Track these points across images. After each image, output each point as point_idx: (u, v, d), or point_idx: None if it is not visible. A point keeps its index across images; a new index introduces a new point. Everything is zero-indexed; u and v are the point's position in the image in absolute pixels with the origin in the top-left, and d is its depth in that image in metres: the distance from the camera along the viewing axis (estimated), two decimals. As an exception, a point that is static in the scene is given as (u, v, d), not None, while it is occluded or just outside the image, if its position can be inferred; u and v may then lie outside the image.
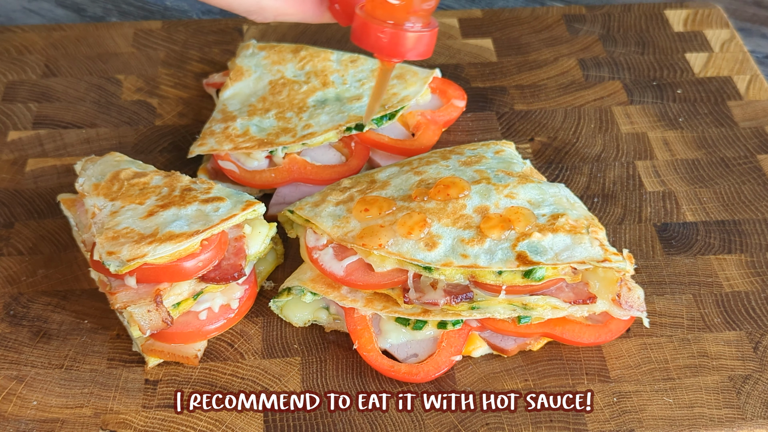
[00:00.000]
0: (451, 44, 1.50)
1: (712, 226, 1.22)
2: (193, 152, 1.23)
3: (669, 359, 1.07)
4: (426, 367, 1.04)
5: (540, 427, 1.00)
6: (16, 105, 1.39)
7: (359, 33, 0.84)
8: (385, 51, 0.84)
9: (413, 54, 0.84)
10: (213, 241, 1.03)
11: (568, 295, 1.03)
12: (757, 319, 1.11)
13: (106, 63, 1.46)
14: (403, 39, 0.82)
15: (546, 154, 1.32)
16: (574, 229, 1.04)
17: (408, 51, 0.84)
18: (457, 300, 1.01)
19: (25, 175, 1.28)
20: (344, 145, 1.25)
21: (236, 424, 1.01)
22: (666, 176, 1.28)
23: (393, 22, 0.82)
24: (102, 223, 1.04)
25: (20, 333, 1.09)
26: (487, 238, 1.03)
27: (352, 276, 1.05)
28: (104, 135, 1.34)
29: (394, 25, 0.82)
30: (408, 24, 0.82)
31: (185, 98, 1.40)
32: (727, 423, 1.00)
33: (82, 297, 1.13)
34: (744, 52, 1.49)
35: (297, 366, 1.06)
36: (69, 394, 1.03)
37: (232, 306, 1.08)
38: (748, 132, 1.35)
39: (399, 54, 0.84)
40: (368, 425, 1.01)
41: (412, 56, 0.84)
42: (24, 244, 1.19)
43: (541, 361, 1.07)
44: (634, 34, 1.53)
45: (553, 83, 1.43)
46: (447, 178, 1.09)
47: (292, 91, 1.29)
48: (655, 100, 1.40)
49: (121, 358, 1.07)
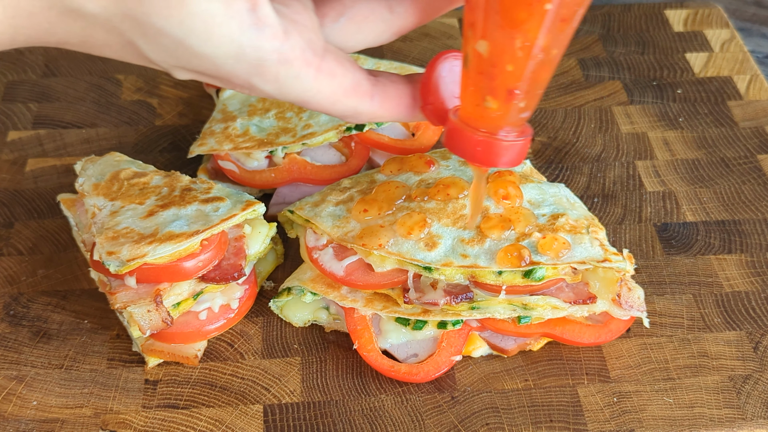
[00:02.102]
0: (451, 44, 1.50)
1: (712, 226, 1.22)
2: (193, 152, 1.23)
3: (669, 359, 1.07)
4: (426, 367, 1.04)
5: (540, 427, 1.00)
6: (16, 105, 1.39)
7: (452, 139, 0.81)
8: (478, 159, 0.81)
9: (505, 163, 0.81)
10: (213, 241, 1.03)
11: (568, 295, 1.03)
12: (757, 319, 1.11)
13: (106, 63, 1.46)
14: (497, 149, 0.79)
15: (546, 154, 1.32)
16: (574, 229, 1.04)
17: (501, 161, 0.81)
18: (457, 300, 1.01)
19: (25, 175, 1.28)
20: (344, 145, 1.25)
21: (236, 424, 1.01)
22: (666, 176, 1.28)
23: (486, 131, 0.79)
24: (102, 223, 1.04)
25: (20, 333, 1.09)
26: (487, 238, 1.03)
27: (352, 276, 1.05)
28: (104, 135, 1.34)
29: (488, 134, 0.79)
30: (502, 133, 0.79)
31: (185, 98, 1.40)
32: (727, 423, 1.00)
33: (82, 297, 1.13)
34: (744, 52, 1.49)
35: (297, 366, 1.06)
36: (69, 394, 1.03)
37: (232, 306, 1.08)
38: (748, 132, 1.35)
39: (491, 163, 0.81)
40: (368, 425, 1.01)
41: (503, 165, 0.82)
42: (24, 244, 1.19)
43: (541, 361, 1.07)
44: (634, 34, 1.53)
45: (553, 83, 1.43)
46: (447, 178, 1.09)
47: (292, 91, 1.28)
48: (655, 100, 1.40)
49: (121, 358, 1.07)
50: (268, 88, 0.75)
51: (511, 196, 1.06)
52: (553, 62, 0.75)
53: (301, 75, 0.74)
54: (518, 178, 1.10)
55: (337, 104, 0.78)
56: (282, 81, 0.74)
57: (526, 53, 0.72)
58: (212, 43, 0.70)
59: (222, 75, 0.74)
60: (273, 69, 0.72)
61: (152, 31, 0.70)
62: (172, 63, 0.73)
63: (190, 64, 0.73)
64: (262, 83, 0.74)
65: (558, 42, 0.73)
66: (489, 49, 0.73)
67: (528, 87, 0.75)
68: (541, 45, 0.72)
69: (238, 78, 0.74)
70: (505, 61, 0.73)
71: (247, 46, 0.70)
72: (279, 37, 0.71)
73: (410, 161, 1.13)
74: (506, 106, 0.77)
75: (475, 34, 0.74)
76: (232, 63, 0.71)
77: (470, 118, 0.79)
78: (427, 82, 0.82)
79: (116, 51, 0.74)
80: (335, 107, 0.79)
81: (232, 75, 0.73)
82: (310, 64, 0.74)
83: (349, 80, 0.78)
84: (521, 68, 0.73)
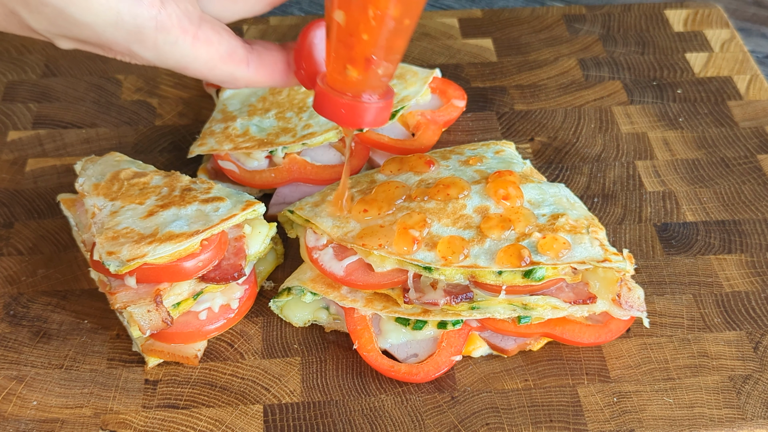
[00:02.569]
0: (451, 44, 1.50)
1: (712, 226, 1.22)
2: (193, 152, 1.23)
3: (669, 359, 1.07)
4: (426, 367, 1.04)
5: (540, 427, 1.00)
6: (16, 105, 1.39)
7: (319, 103, 0.89)
8: (344, 121, 0.89)
9: (370, 124, 0.89)
10: (213, 241, 1.03)
11: (568, 295, 1.03)
12: (757, 319, 1.11)
13: (106, 63, 1.46)
14: (360, 111, 0.87)
15: (546, 154, 1.32)
16: (574, 229, 1.04)
17: (365, 122, 0.89)
18: (457, 300, 1.01)
19: (25, 175, 1.28)
20: (344, 145, 1.25)
21: (236, 424, 1.01)
22: (666, 176, 1.28)
23: (350, 95, 0.86)
24: (102, 223, 1.04)
25: (20, 333, 1.09)
26: (487, 238, 1.03)
27: (352, 276, 1.05)
28: (104, 135, 1.34)
29: (351, 98, 0.86)
30: (365, 95, 0.87)
31: (185, 98, 1.40)
32: (727, 423, 1.00)
33: (82, 297, 1.13)
34: (744, 52, 1.49)
35: (297, 366, 1.06)
36: (69, 394, 1.03)
37: (232, 306, 1.08)
38: (748, 132, 1.35)
39: (356, 124, 0.89)
40: (368, 425, 1.01)
41: (368, 125, 0.89)
42: (24, 244, 1.19)
43: (541, 361, 1.07)
44: (634, 34, 1.53)
45: (553, 83, 1.43)
46: (447, 178, 1.09)
47: (292, 91, 1.29)
48: (655, 100, 1.40)
49: (121, 358, 1.07)
50: (147, 54, 0.80)
51: (511, 196, 1.06)
52: (407, 31, 0.82)
53: (179, 42, 0.80)
54: (518, 178, 1.10)
55: (215, 70, 0.84)
56: (161, 48, 0.79)
57: (379, 22, 0.79)
58: (92, 12, 0.75)
59: (103, 42, 0.79)
60: (151, 36, 0.78)
61: (34, 1, 0.75)
62: (55, 32, 0.78)
63: (71, 32, 0.78)
64: (141, 50, 0.79)
65: (409, 12, 0.80)
66: (345, 18, 0.80)
67: (384, 54, 0.82)
68: (392, 14, 0.79)
69: (118, 45, 0.79)
70: (361, 30, 0.80)
71: (126, 14, 0.76)
72: (156, 6, 0.77)
73: (410, 161, 1.13)
74: (365, 73, 0.84)
75: (332, 4, 0.81)
76: (111, 31, 0.77)
77: (335, 83, 0.86)
78: (300, 49, 0.89)
79: (0, 22, 0.79)
80: (213, 73, 0.85)
81: (113, 42, 0.78)
82: (186, 32, 0.80)
83: (225, 47, 0.84)
84: (375, 37, 0.80)
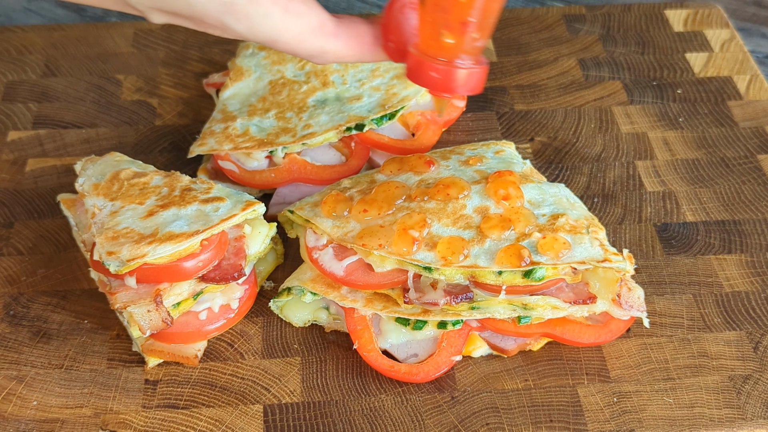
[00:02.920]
0: (451, 44, 1.50)
1: (712, 226, 1.22)
2: (193, 152, 1.23)
3: (669, 359, 1.07)
4: (426, 367, 1.04)
5: (540, 427, 1.00)
6: (16, 105, 1.39)
7: (413, 70, 0.88)
8: (438, 87, 0.88)
9: (465, 89, 0.88)
10: (213, 241, 1.03)
11: (568, 295, 1.03)
12: (757, 319, 1.11)
13: (106, 63, 1.46)
14: (455, 75, 0.86)
15: (546, 154, 1.32)
16: (574, 229, 1.04)
17: (460, 87, 0.87)
18: (457, 300, 1.01)
19: (25, 175, 1.28)
20: (344, 145, 1.26)
21: (236, 424, 1.01)
22: (666, 176, 1.28)
23: (445, 60, 0.86)
24: (102, 223, 1.04)
25: (20, 333, 1.09)
26: (487, 238, 1.03)
27: (352, 276, 1.05)
28: (104, 135, 1.34)
29: (446, 63, 0.86)
30: (459, 61, 0.86)
31: (185, 98, 1.40)
32: (727, 423, 1.00)
33: (82, 297, 1.13)
34: (744, 52, 1.49)
35: (297, 366, 1.06)
36: (69, 394, 1.03)
37: (232, 306, 1.08)
38: (748, 132, 1.35)
39: (451, 89, 0.88)
40: (368, 425, 1.01)
41: (463, 91, 0.88)
42: (24, 244, 1.19)
43: (541, 361, 1.07)
44: (634, 34, 1.53)
45: (553, 83, 1.43)
46: (447, 178, 1.09)
47: (292, 91, 1.29)
48: (655, 100, 1.40)
49: (121, 358, 1.07)
50: (239, 27, 0.81)
51: (511, 197, 1.06)
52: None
53: (270, 13, 0.80)
54: (518, 178, 1.10)
55: (304, 43, 0.85)
56: (252, 19, 0.80)
57: None
58: None
59: (195, 14, 0.80)
60: (243, 7, 0.79)
61: None
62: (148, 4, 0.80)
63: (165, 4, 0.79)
64: (233, 22, 0.80)
65: None
66: None
67: (480, 17, 0.82)
68: None
69: (210, 17, 0.80)
70: None
71: None
72: None
73: (410, 161, 1.13)
74: (461, 37, 0.84)
75: None
76: (204, 2, 0.78)
77: (429, 49, 0.86)
78: (387, 22, 0.89)
79: None
80: (302, 46, 0.85)
81: (205, 14, 0.79)
82: (277, 3, 0.81)
83: (314, 20, 0.84)
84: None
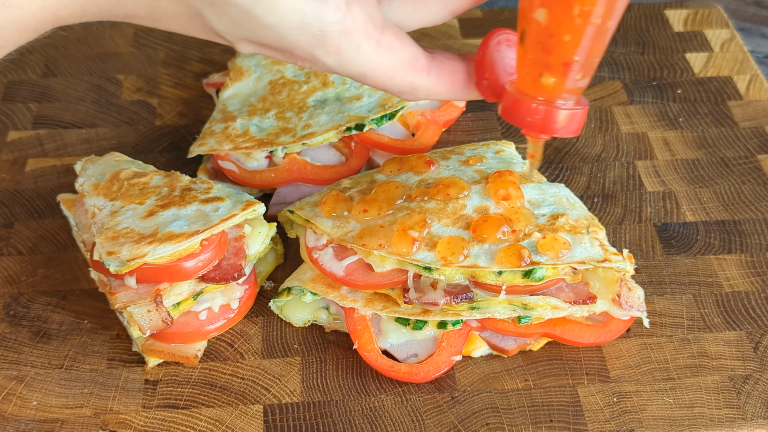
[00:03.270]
0: (451, 44, 1.50)
1: (712, 226, 1.22)
2: (193, 152, 1.23)
3: (669, 359, 1.07)
4: (426, 367, 1.04)
5: (540, 427, 1.00)
6: (16, 105, 1.39)
7: (509, 110, 0.82)
8: (536, 128, 0.82)
9: (564, 132, 0.82)
10: (213, 241, 1.03)
11: (568, 295, 1.03)
12: (757, 319, 1.11)
13: (106, 63, 1.46)
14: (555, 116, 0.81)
15: (546, 154, 1.32)
16: (574, 229, 1.04)
17: (559, 129, 0.82)
18: (457, 300, 1.01)
19: (25, 175, 1.28)
20: (344, 145, 1.26)
21: (236, 424, 1.01)
22: (666, 176, 1.28)
23: (544, 99, 0.80)
24: (102, 223, 1.04)
25: (20, 333, 1.09)
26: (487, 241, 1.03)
27: (352, 276, 1.05)
28: (104, 135, 1.34)
29: (545, 102, 0.80)
30: (560, 101, 0.80)
31: (185, 98, 1.40)
32: (727, 423, 1.00)
33: (82, 297, 1.13)
34: (744, 52, 1.49)
35: (297, 366, 1.06)
36: (69, 394, 1.03)
37: (232, 306, 1.08)
38: (748, 132, 1.35)
39: (550, 131, 0.82)
40: (368, 425, 1.01)
41: (562, 134, 0.82)
42: (24, 244, 1.19)
43: (541, 361, 1.07)
44: (634, 34, 1.53)
45: (553, 83, 1.43)
46: (447, 178, 1.09)
47: (292, 91, 1.29)
48: (655, 100, 1.40)
49: (121, 358, 1.07)
50: (330, 60, 0.78)
51: (512, 197, 1.06)
52: (608, 33, 0.76)
53: (362, 47, 0.77)
54: (518, 178, 1.10)
55: (395, 78, 0.81)
56: (343, 53, 0.77)
57: (584, 20, 0.74)
58: (277, 13, 0.73)
59: (286, 46, 0.77)
60: (335, 40, 0.76)
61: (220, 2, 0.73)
62: (238, 35, 0.77)
63: (255, 35, 0.76)
64: (324, 55, 0.77)
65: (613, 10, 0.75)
66: (547, 17, 0.75)
67: (584, 58, 0.77)
68: (598, 12, 0.74)
69: (301, 50, 0.77)
70: (563, 30, 0.75)
71: (311, 17, 0.74)
72: (342, 9, 0.74)
73: (410, 161, 1.13)
74: (563, 80, 0.79)
75: (533, 4, 0.76)
76: (296, 34, 0.75)
77: (527, 89, 0.81)
78: (482, 59, 0.84)
79: (183, 23, 0.77)
80: (393, 82, 0.81)
81: (296, 47, 0.76)
82: (370, 37, 0.77)
83: (407, 54, 0.81)
84: (578, 37, 0.75)
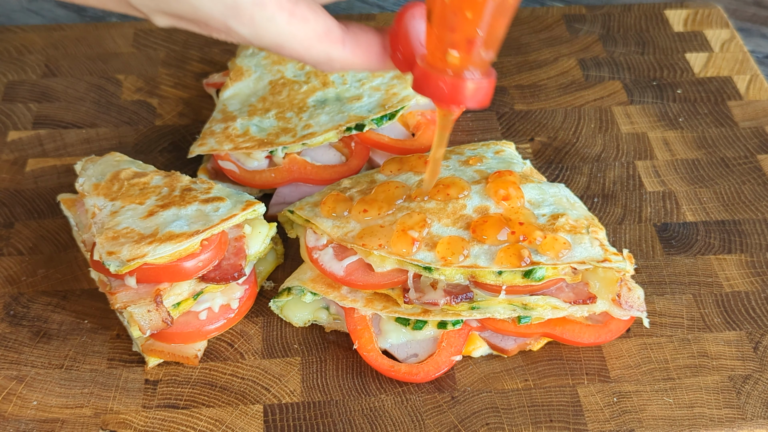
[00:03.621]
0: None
1: (712, 226, 1.22)
2: (193, 152, 1.23)
3: (669, 359, 1.07)
4: (426, 367, 1.04)
5: (540, 427, 1.00)
6: (16, 105, 1.39)
7: (420, 82, 0.87)
8: (445, 99, 0.86)
9: (472, 102, 0.87)
10: (213, 241, 1.03)
11: (568, 295, 1.03)
12: (757, 319, 1.11)
13: (106, 63, 1.46)
14: (463, 88, 0.85)
15: (546, 154, 1.32)
16: (574, 229, 1.04)
17: (467, 99, 0.86)
18: (457, 300, 1.01)
19: (25, 175, 1.28)
20: (344, 145, 1.26)
21: (236, 424, 1.01)
22: (666, 176, 1.28)
23: (452, 72, 0.85)
24: (102, 223, 1.04)
25: (20, 333, 1.09)
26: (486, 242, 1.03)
27: (352, 276, 1.05)
28: (104, 135, 1.34)
29: (453, 75, 0.85)
30: (467, 74, 0.85)
31: (185, 98, 1.40)
32: (727, 423, 1.00)
33: (82, 297, 1.13)
34: (744, 52, 1.49)
35: (297, 366, 1.06)
36: (69, 394, 1.03)
37: (232, 306, 1.08)
38: (748, 132, 1.35)
39: (458, 102, 0.86)
40: (368, 425, 1.01)
41: (471, 104, 0.87)
42: (24, 244, 1.19)
43: (541, 361, 1.07)
44: (634, 34, 1.53)
45: (553, 83, 1.43)
46: (447, 178, 1.09)
47: (292, 91, 1.29)
48: (655, 100, 1.40)
49: (121, 358, 1.07)
50: (244, 31, 0.79)
51: (512, 197, 1.06)
52: (509, 10, 0.81)
53: (275, 17, 0.79)
54: (518, 178, 1.10)
55: (311, 50, 0.83)
56: (257, 23, 0.79)
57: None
58: None
59: (200, 17, 0.78)
60: (248, 11, 0.77)
61: None
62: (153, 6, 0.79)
63: (169, 6, 0.78)
64: (238, 26, 0.79)
65: None
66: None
67: (487, 33, 0.81)
68: None
69: (215, 20, 0.78)
70: (465, 7, 0.79)
71: None
72: None
73: (410, 161, 1.13)
74: (468, 56, 0.83)
75: None
76: (209, 5, 0.77)
77: (436, 62, 0.85)
78: (396, 32, 0.88)
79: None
80: (309, 52, 0.83)
81: (210, 17, 0.78)
82: (283, 8, 0.79)
83: (321, 26, 0.82)
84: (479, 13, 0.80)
